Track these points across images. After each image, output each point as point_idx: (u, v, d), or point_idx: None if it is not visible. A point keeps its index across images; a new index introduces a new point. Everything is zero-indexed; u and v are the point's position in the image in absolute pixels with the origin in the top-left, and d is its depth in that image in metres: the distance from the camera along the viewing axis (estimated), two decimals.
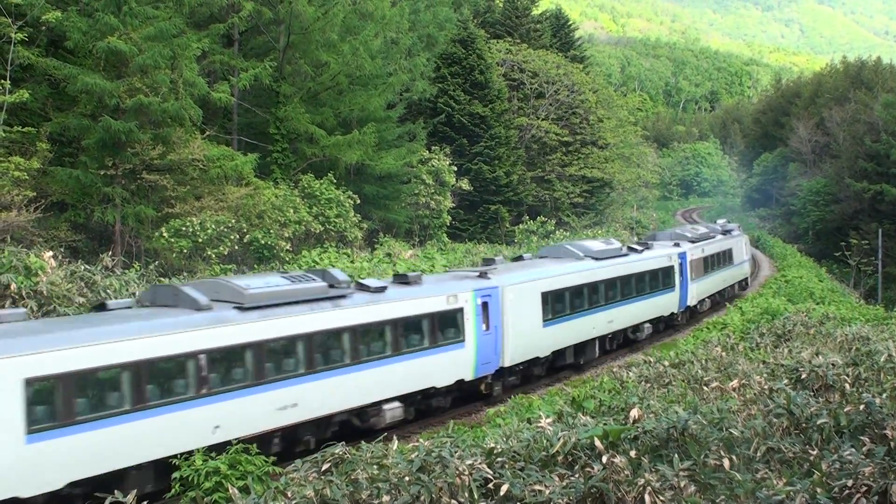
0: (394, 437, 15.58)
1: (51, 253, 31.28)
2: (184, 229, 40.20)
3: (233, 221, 42.60)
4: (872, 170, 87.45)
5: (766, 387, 18.51)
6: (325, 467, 13.53)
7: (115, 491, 12.47)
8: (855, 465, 11.55)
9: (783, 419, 14.82)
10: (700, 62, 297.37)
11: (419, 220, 63.67)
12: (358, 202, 52.30)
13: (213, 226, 41.10)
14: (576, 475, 12.44)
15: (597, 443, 13.09)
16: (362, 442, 15.09)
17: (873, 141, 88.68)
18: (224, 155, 44.57)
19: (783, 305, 45.81)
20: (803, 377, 18.36)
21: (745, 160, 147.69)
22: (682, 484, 11.70)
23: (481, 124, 70.60)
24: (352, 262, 48.04)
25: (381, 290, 26.37)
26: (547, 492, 11.79)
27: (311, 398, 23.68)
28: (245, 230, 43.77)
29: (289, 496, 12.52)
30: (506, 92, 78.26)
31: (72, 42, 39.18)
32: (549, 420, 16.28)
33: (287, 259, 45.74)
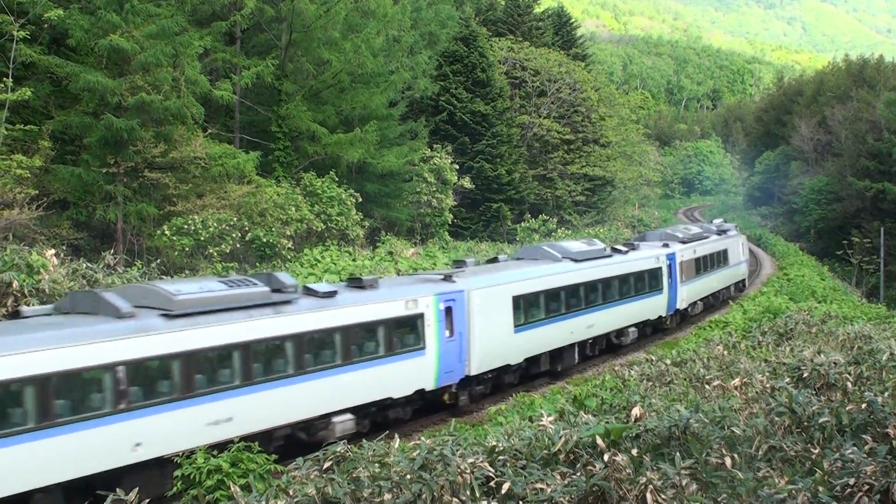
0: (395, 436, 15.57)
1: (53, 251, 31.29)
2: (186, 227, 40.20)
3: (234, 219, 42.61)
4: (874, 168, 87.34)
5: (768, 385, 18.52)
6: (327, 465, 13.53)
7: (116, 489, 12.49)
8: (857, 464, 11.55)
9: (785, 418, 14.83)
10: (702, 60, 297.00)
11: (421, 219, 63.65)
12: (360, 200, 52.28)
13: (215, 224, 41.10)
14: (577, 473, 12.44)
15: (598, 441, 13.09)
16: (364, 440, 15.10)
17: (875, 139, 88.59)
18: (226, 153, 44.58)
19: (785, 304, 45.84)
20: (805, 376, 18.37)
21: (747, 158, 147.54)
22: (684, 482, 11.70)
23: (483, 122, 70.57)
24: (353, 261, 48.07)
25: (331, 296, 24.92)
26: (548, 490, 11.79)
27: (249, 412, 22.20)
28: (247, 228, 43.79)
29: (290, 494, 12.52)
30: (507, 90, 78.23)
31: (74, 40, 39.22)
32: (551, 418, 16.29)
33: (289, 257, 45.79)
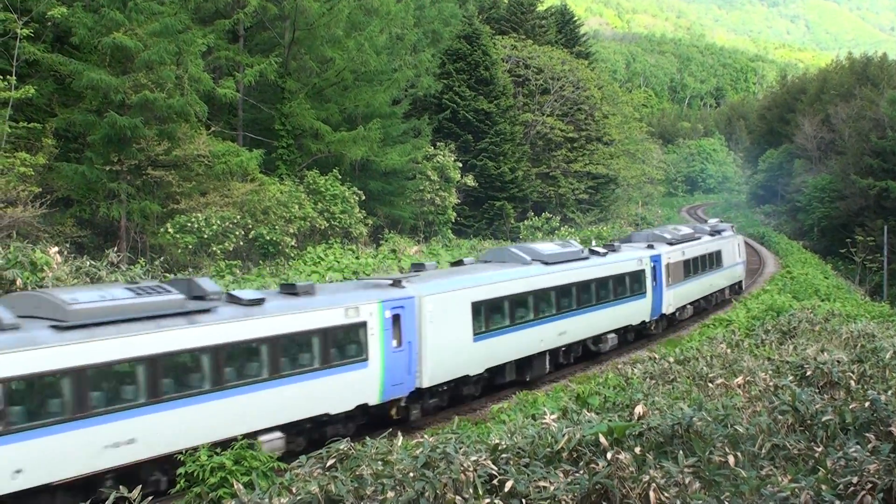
0: (398, 434, 15.58)
1: (56, 248, 31.38)
2: (189, 225, 40.24)
3: (238, 217, 42.66)
4: (878, 166, 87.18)
5: (771, 383, 18.48)
6: (330, 463, 13.53)
7: (120, 486, 12.51)
8: (860, 463, 11.52)
9: (788, 416, 14.80)
10: (705, 58, 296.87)
11: (424, 217, 63.68)
12: (363, 198, 52.34)
13: (219, 222, 41.15)
14: (580, 471, 12.42)
15: (601, 439, 13.07)
16: (367, 438, 15.11)
17: (879, 137, 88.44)
18: (229, 151, 44.63)
19: (788, 302, 45.79)
20: (808, 374, 18.33)
21: (751, 156, 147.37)
22: (687, 480, 11.69)
23: (486, 120, 70.59)
24: (357, 259, 48.09)
25: (257, 304, 22.83)
26: (551, 488, 11.78)
27: (156, 432, 20.14)
28: (250, 226, 43.84)
29: (293, 492, 12.52)
30: (511, 88, 78.21)
31: (77, 38, 39.29)
32: (554, 416, 16.26)
33: (292, 255, 45.82)
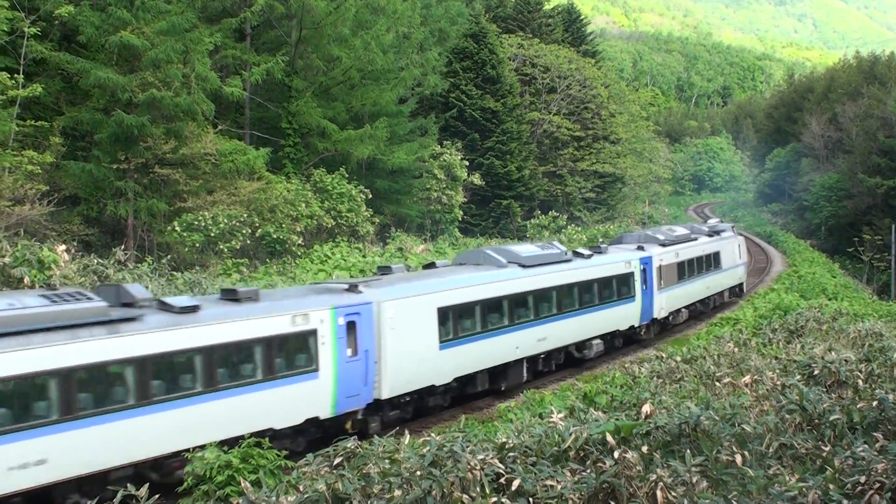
0: (405, 432, 15.58)
1: (64, 246, 31.38)
2: (196, 223, 40.28)
3: (245, 216, 42.68)
4: (885, 165, 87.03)
5: (779, 383, 18.48)
6: (338, 461, 13.56)
7: (127, 485, 12.53)
8: (868, 462, 11.52)
9: (796, 415, 14.81)
10: (712, 57, 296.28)
11: (431, 215, 63.67)
12: (370, 197, 52.37)
13: (226, 220, 41.18)
14: (587, 470, 12.44)
15: (609, 438, 13.08)
16: (374, 436, 15.12)
17: (886, 136, 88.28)
18: (236, 149, 44.67)
19: (796, 301, 45.78)
20: (816, 373, 18.34)
21: (758, 155, 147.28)
22: (695, 479, 11.70)
23: (493, 119, 70.55)
24: (363, 257, 48.10)
25: (191, 311, 21.18)
26: (558, 487, 11.79)
27: (71, 451, 18.55)
28: (257, 224, 43.87)
29: (301, 490, 12.56)
30: (518, 87, 78.19)
31: (84, 36, 39.33)
32: (561, 415, 16.29)
33: (299, 253, 45.85)
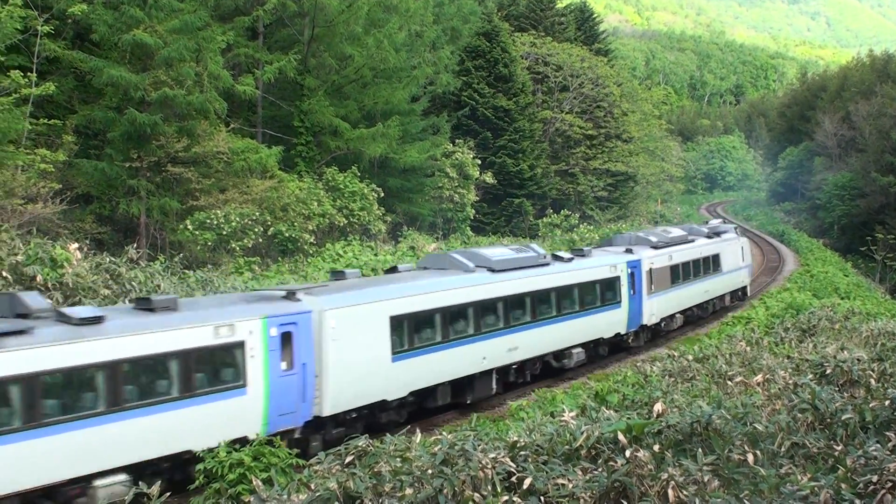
0: (417, 430, 15.59)
1: (76, 245, 31.41)
2: (208, 222, 40.36)
3: (257, 214, 42.75)
4: None
5: (791, 382, 18.44)
6: (349, 460, 13.57)
7: (140, 482, 12.56)
8: (880, 461, 11.48)
9: (808, 414, 14.77)
10: (725, 55, 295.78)
11: (443, 214, 63.71)
12: (382, 195, 52.42)
13: (238, 218, 41.24)
14: (599, 469, 12.43)
15: (620, 437, 13.07)
16: (386, 434, 15.14)
17: None
18: (248, 148, 44.75)
19: (808, 300, 45.71)
20: (828, 372, 18.29)
21: (771, 154, 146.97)
22: (706, 478, 11.68)
23: (505, 118, 70.54)
24: (375, 256, 48.15)
25: (92, 323, 19.18)
26: (570, 486, 11.79)
27: None
28: (269, 223, 43.93)
29: (312, 488, 12.57)
30: (530, 85, 78.22)
31: (97, 35, 39.43)
32: (573, 414, 16.27)
33: (311, 252, 45.92)
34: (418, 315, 26.86)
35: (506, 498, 11.59)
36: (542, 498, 11.72)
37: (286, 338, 22.70)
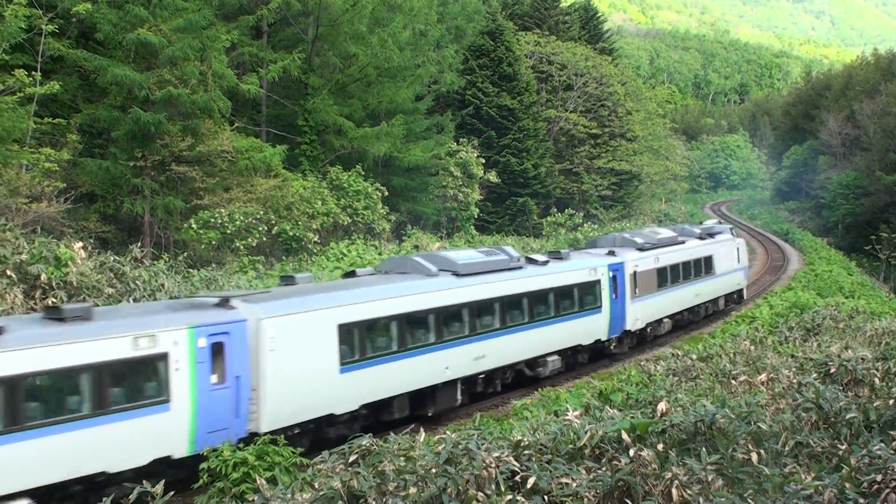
0: (420, 430, 15.60)
1: (80, 244, 31.42)
2: (212, 221, 40.40)
3: (261, 213, 42.79)
4: None
5: (795, 381, 18.40)
6: (353, 459, 13.55)
7: (143, 481, 12.57)
8: (884, 460, 11.46)
9: (812, 413, 14.74)
10: (729, 54, 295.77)
11: (447, 213, 63.73)
12: (386, 194, 52.46)
13: (242, 217, 41.28)
14: (603, 468, 12.41)
15: (624, 436, 13.05)
16: (390, 433, 15.14)
17: None
18: (253, 147, 44.77)
19: (812, 299, 45.66)
20: (832, 371, 18.24)
21: (775, 153, 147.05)
22: (710, 478, 11.66)
23: (509, 116, 70.58)
24: (379, 254, 48.16)
25: None
26: (574, 485, 11.78)
27: None
28: (273, 222, 43.95)
29: (316, 487, 12.56)
30: (534, 84, 78.21)
31: (102, 34, 39.46)
32: (577, 413, 16.25)
33: (315, 251, 45.95)
34: (371, 323, 25.24)
35: (509, 497, 11.58)
36: (546, 497, 11.71)
37: (217, 348, 20.99)
